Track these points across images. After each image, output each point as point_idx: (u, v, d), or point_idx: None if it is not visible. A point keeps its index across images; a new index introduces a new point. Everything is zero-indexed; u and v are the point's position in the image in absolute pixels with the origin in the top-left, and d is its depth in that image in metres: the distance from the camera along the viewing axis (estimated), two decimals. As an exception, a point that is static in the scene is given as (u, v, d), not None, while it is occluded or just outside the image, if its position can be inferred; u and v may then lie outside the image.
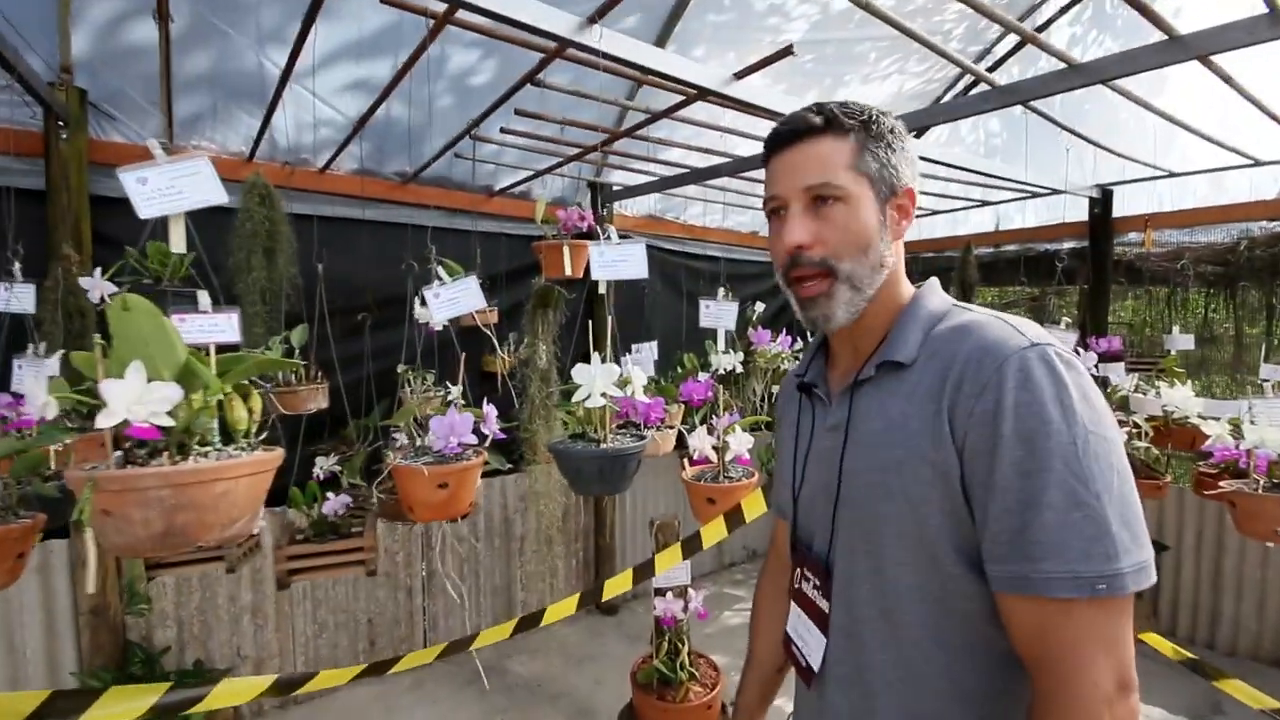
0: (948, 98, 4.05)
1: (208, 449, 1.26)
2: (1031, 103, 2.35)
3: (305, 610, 2.91)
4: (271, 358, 1.30)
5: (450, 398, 2.78)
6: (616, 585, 1.71)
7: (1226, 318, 2.90)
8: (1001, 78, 4.00)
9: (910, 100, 4.01)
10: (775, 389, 3.40)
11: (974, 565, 0.69)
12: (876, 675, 0.76)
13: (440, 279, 1.75)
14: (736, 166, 2.81)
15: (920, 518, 0.71)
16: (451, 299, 1.72)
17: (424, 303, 1.80)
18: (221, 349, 1.29)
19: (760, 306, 3.47)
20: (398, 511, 1.86)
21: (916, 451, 0.71)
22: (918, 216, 4.22)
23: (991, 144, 4.12)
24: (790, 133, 0.79)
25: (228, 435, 1.32)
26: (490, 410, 1.70)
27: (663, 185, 3.16)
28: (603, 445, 1.59)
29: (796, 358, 3.38)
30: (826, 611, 0.82)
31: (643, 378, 1.63)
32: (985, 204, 4.01)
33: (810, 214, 0.78)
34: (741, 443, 1.93)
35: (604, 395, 1.53)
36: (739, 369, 3.11)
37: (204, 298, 1.32)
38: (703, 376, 2.88)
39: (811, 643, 0.84)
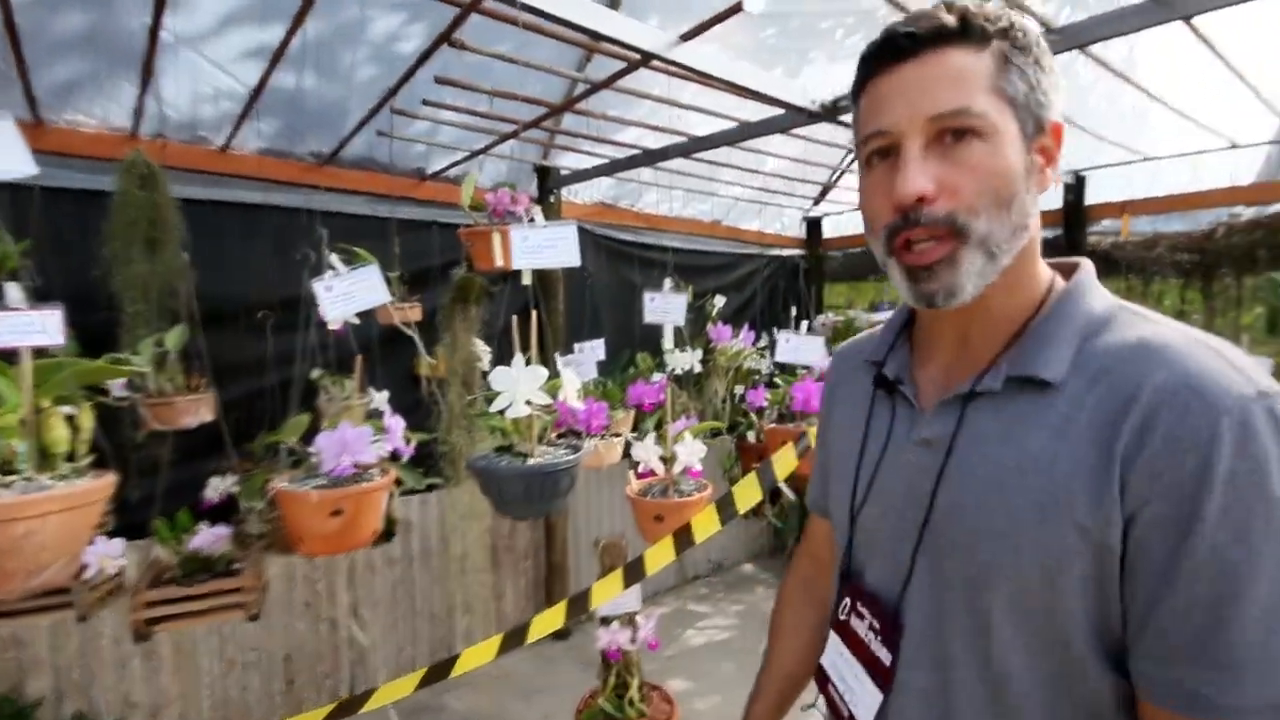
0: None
1: (12, 479, 1.05)
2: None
3: (211, 647, 2.66)
4: (97, 364, 1.08)
5: (373, 406, 2.57)
6: (546, 623, 1.53)
7: (1201, 308, 2.87)
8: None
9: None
10: (738, 390, 3.25)
11: (1109, 656, 0.56)
12: None
13: (333, 269, 1.55)
14: (691, 146, 2.65)
15: (1052, 590, 0.56)
16: (347, 293, 1.52)
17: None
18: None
19: (720, 300, 3.33)
20: (290, 543, 1.65)
21: (1063, 504, 0.55)
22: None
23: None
24: (909, 39, 0.59)
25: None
26: (395, 422, 1.50)
27: (613, 168, 2.99)
28: (530, 460, 1.41)
29: (761, 354, 3.24)
30: (888, 665, 0.67)
31: (576, 381, 1.45)
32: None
33: (935, 154, 0.59)
34: (692, 452, 1.78)
35: (529, 403, 1.35)
36: (698, 368, 2.96)
37: (12, 291, 1.09)
38: (657, 377, 2.72)
39: (859, 693, 0.70)
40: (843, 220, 4.56)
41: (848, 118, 2.32)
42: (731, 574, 4.32)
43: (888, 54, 0.60)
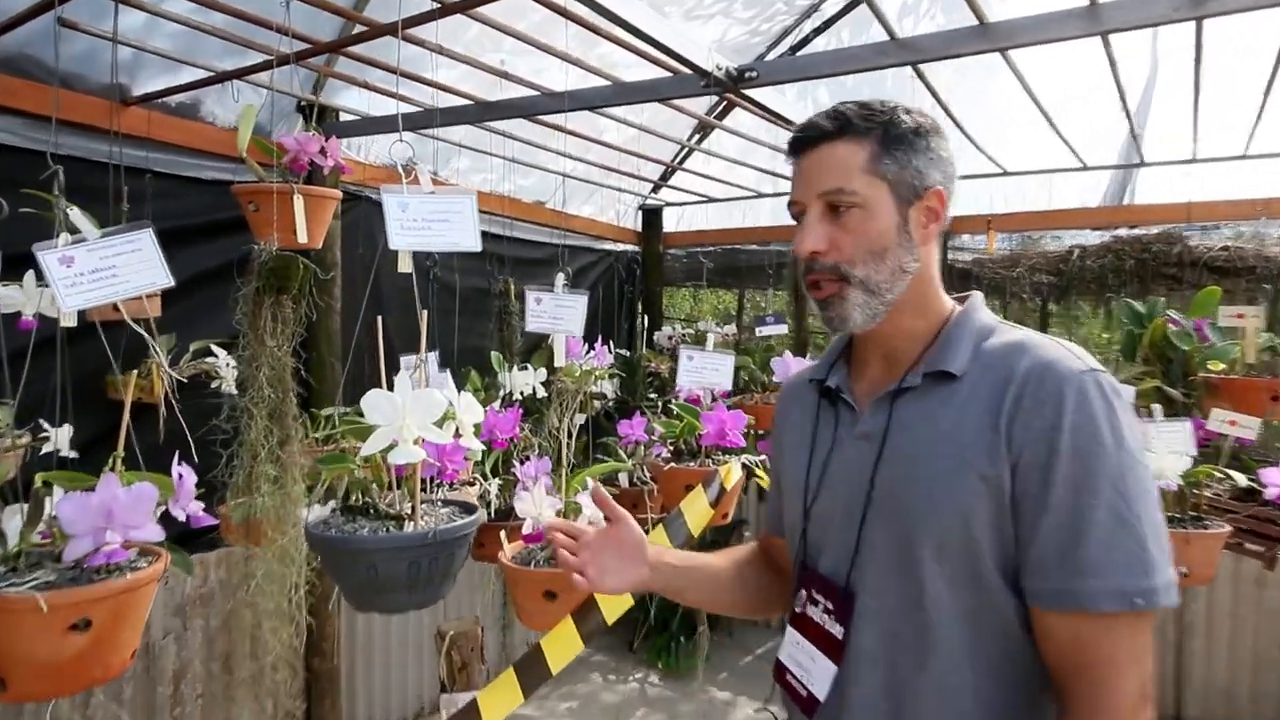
0: (771, 56, 4.38)
1: None
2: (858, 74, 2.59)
3: None
4: None
5: (52, 448, 2.10)
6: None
7: (1062, 330, 3.57)
8: (830, 40, 4.49)
9: (733, 53, 4.22)
10: (580, 419, 3.24)
11: (1010, 580, 0.89)
12: (909, 695, 0.92)
13: (75, 231, 1.24)
14: (549, 104, 2.61)
15: (967, 531, 0.88)
16: (100, 269, 1.22)
17: (40, 277, 1.26)
18: None
19: (563, 305, 3.30)
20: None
21: (969, 463, 0.89)
22: (747, 198, 4.44)
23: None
24: (804, 139, 1.00)
25: None
26: (186, 474, 1.23)
27: (450, 117, 2.77)
28: (413, 526, 1.25)
29: (613, 376, 3.27)
30: (839, 638, 0.97)
31: (478, 410, 1.32)
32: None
33: (826, 219, 0.98)
34: (598, 503, 1.72)
35: (418, 442, 1.20)
36: (540, 391, 2.91)
37: None
38: (496, 404, 2.61)
39: (815, 672, 1.00)
40: (688, 212, 4.81)
41: (751, 91, 2.47)
42: (553, 659, 4.24)
43: (795, 147, 1.02)
